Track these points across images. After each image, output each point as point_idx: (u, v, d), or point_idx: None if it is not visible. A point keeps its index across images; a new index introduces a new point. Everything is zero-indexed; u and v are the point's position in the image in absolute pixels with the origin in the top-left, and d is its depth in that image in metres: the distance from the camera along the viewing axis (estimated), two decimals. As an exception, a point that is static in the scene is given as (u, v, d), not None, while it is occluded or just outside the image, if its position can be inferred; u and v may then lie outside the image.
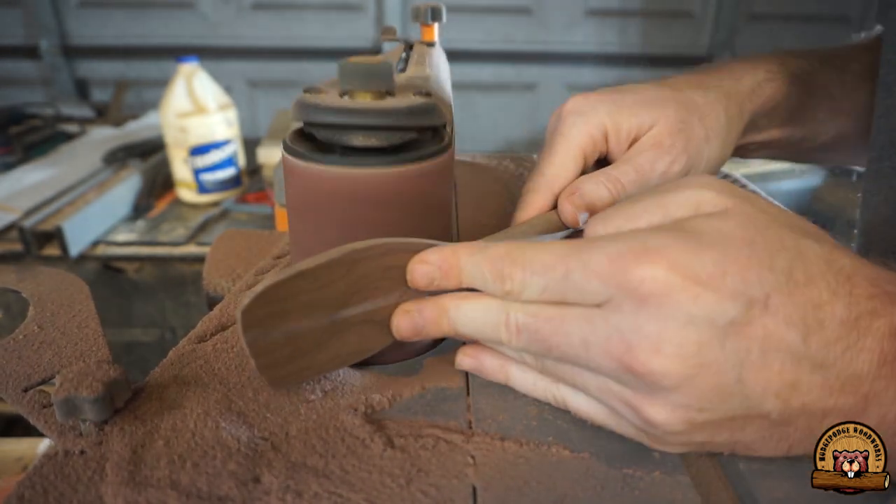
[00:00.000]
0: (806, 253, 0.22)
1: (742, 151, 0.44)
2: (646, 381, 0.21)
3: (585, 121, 0.35)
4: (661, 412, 0.22)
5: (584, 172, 0.35)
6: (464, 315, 0.26)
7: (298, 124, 0.29)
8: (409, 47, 0.45)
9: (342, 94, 0.28)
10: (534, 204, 0.34)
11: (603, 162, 0.37)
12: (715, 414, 0.22)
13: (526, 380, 0.27)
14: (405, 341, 0.27)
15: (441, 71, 0.41)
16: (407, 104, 0.26)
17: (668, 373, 0.21)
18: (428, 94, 0.28)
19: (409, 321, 0.27)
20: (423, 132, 0.29)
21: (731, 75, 0.40)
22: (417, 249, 0.26)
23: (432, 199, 0.29)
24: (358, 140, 0.27)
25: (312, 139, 0.29)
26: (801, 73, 0.42)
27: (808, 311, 0.21)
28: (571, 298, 0.23)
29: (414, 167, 0.27)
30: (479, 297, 0.26)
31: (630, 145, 0.36)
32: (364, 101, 0.27)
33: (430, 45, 0.46)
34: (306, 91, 0.28)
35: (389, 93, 0.28)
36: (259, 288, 0.24)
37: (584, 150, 0.35)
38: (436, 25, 0.48)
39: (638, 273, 0.21)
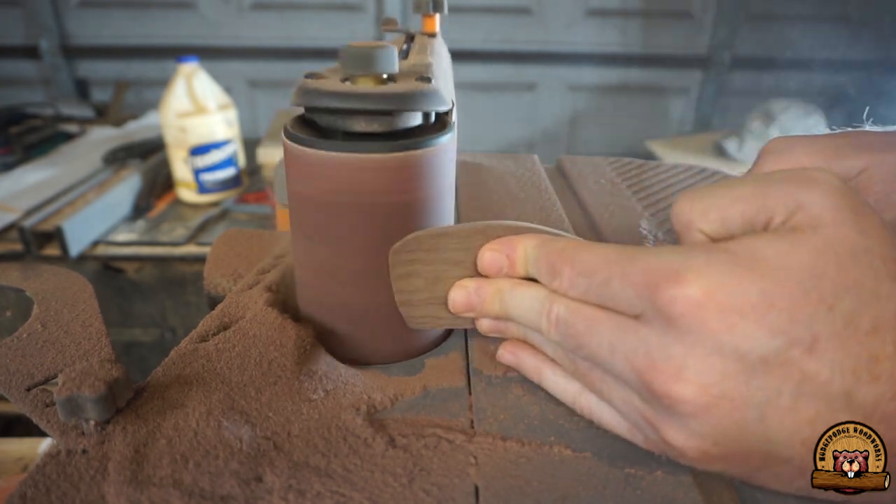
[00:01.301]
0: (883, 298, 0.19)
1: None
2: (663, 403, 0.21)
3: (779, 160, 0.33)
4: (677, 437, 0.21)
5: None
6: (515, 299, 0.27)
7: (300, 111, 0.28)
8: (411, 38, 0.44)
9: (344, 80, 0.27)
10: None
11: None
12: (731, 449, 0.21)
13: (557, 384, 0.27)
14: (459, 315, 0.29)
15: (443, 59, 0.40)
16: (409, 88, 0.26)
17: (686, 399, 0.20)
18: (429, 79, 0.27)
19: (464, 296, 0.28)
20: (426, 118, 0.29)
21: None
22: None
23: (435, 186, 0.29)
24: (360, 125, 0.27)
25: (314, 126, 0.28)
26: None
27: (861, 362, 0.19)
28: (609, 304, 0.23)
29: (416, 153, 0.27)
30: (532, 285, 0.26)
31: None
32: (366, 85, 0.27)
33: (432, 35, 0.46)
34: (307, 76, 0.27)
35: (391, 78, 0.28)
36: (410, 235, 0.27)
37: None
38: (437, 16, 0.48)
39: (669, 292, 0.20)
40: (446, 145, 0.28)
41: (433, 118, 0.30)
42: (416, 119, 0.28)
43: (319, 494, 0.22)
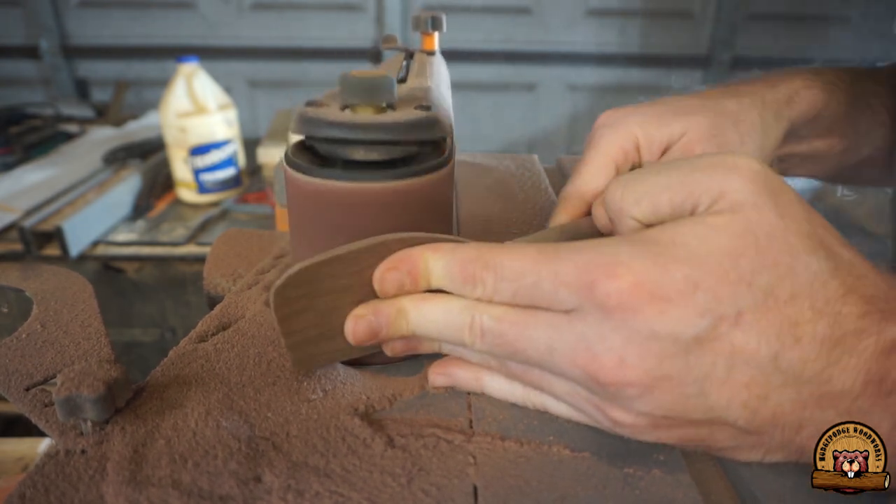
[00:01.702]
0: (799, 271, 0.21)
1: (785, 166, 0.43)
2: (609, 391, 0.22)
3: (615, 132, 0.36)
4: (625, 416, 0.23)
5: None
6: (424, 316, 0.25)
7: (300, 137, 0.29)
8: (410, 56, 0.45)
9: (343, 108, 0.28)
10: (565, 211, 0.35)
11: None
12: (677, 421, 0.22)
13: (501, 388, 0.27)
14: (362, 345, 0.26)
15: (441, 80, 0.41)
16: (408, 118, 0.27)
17: (631, 383, 0.21)
18: (428, 108, 0.28)
19: (365, 325, 0.26)
20: (424, 145, 0.29)
21: (766, 84, 0.40)
22: None
23: (433, 212, 0.29)
24: (359, 154, 0.27)
25: (314, 151, 0.29)
26: (840, 82, 0.41)
27: (783, 328, 0.21)
28: (540, 304, 0.23)
29: (415, 181, 0.27)
30: (441, 297, 0.25)
31: (662, 155, 0.36)
32: (365, 114, 0.27)
33: (431, 54, 0.46)
34: (308, 104, 0.28)
35: (390, 106, 0.28)
36: (294, 268, 0.25)
37: (614, 160, 0.36)
38: (436, 34, 0.48)
39: (604, 287, 0.21)
40: (445, 172, 0.29)
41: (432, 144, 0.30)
42: (415, 146, 0.28)
43: (318, 494, 0.22)
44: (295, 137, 0.29)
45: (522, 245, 0.24)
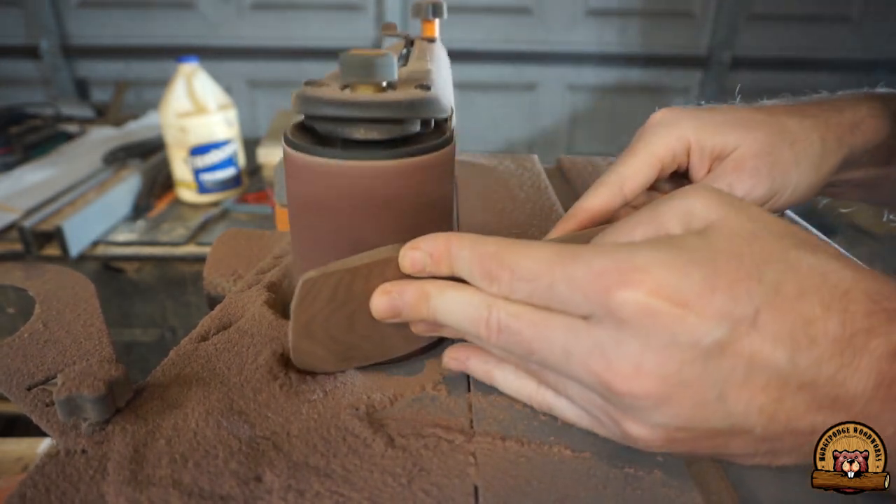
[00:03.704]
0: (797, 265, 0.21)
1: (836, 190, 0.43)
2: (624, 402, 0.21)
3: (668, 132, 0.35)
4: (640, 430, 0.22)
5: (657, 181, 0.36)
6: (446, 303, 0.25)
7: (300, 118, 0.29)
8: (410, 43, 0.45)
9: (343, 87, 0.28)
10: (600, 196, 0.34)
11: (680, 176, 0.37)
12: (696, 432, 0.22)
13: (511, 384, 0.27)
14: (385, 321, 0.27)
15: (442, 65, 0.40)
16: (408, 97, 0.26)
17: (648, 394, 0.21)
18: (429, 87, 0.28)
19: (388, 301, 0.26)
20: (425, 125, 0.29)
21: (832, 107, 0.39)
22: None
23: (433, 193, 0.29)
24: (359, 133, 0.27)
25: (314, 132, 0.29)
26: None
27: (797, 328, 0.20)
28: (556, 307, 0.23)
29: (415, 160, 0.27)
30: (464, 287, 0.25)
31: (711, 164, 0.36)
32: (365, 93, 0.27)
33: (431, 41, 0.46)
34: (307, 84, 0.28)
35: (391, 85, 0.28)
36: (307, 276, 0.25)
37: (661, 159, 0.35)
38: (437, 21, 0.48)
39: (619, 296, 0.21)
40: (445, 152, 0.28)
41: (432, 125, 0.30)
42: (415, 126, 0.28)
43: (319, 494, 0.22)
44: (296, 120, 0.29)
45: (542, 244, 0.24)
